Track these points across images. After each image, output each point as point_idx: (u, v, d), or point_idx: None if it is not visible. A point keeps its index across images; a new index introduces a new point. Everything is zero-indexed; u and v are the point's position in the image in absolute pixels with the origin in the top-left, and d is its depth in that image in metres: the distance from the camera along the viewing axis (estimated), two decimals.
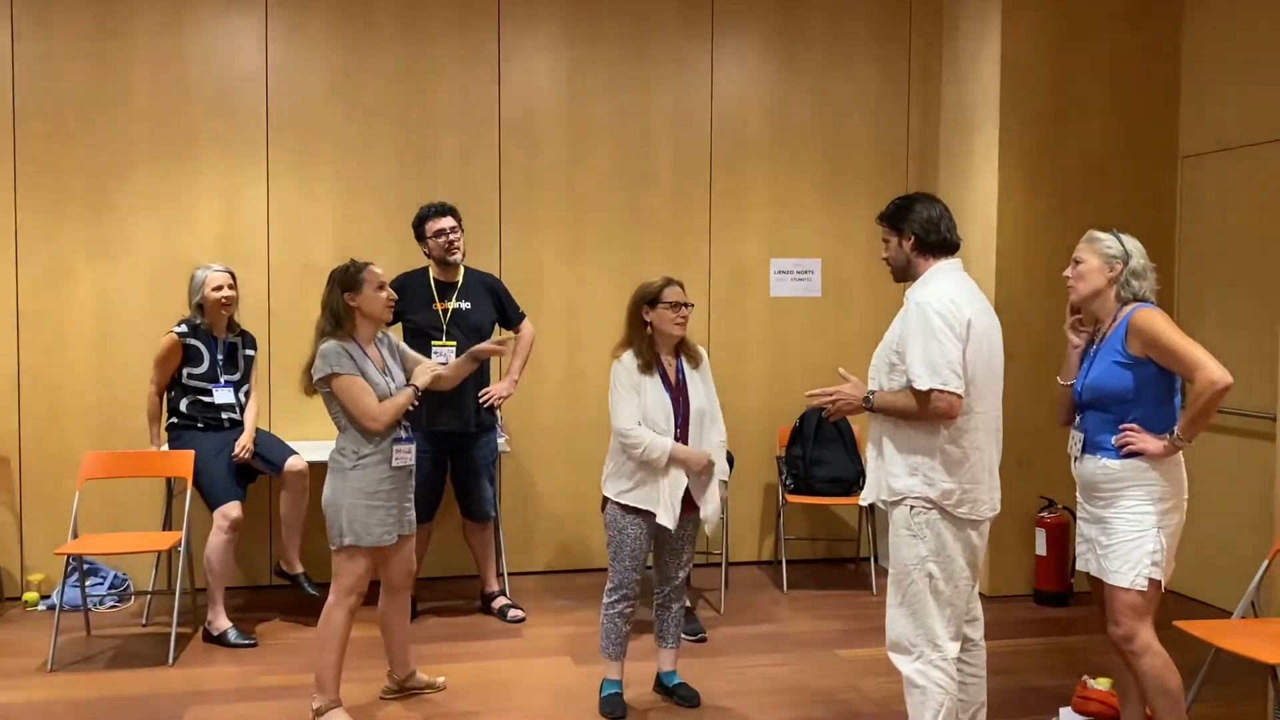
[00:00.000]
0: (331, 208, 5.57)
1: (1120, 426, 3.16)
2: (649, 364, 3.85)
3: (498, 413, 5.16)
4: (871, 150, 6.11)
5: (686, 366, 3.95)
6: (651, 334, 3.89)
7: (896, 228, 3.23)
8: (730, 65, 5.98)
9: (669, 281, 3.89)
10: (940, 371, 2.97)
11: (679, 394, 3.90)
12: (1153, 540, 3.12)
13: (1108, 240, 3.26)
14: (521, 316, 5.17)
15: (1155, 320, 3.13)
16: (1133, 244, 3.27)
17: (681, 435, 3.86)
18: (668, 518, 3.78)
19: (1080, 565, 3.37)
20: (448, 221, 4.93)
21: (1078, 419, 3.33)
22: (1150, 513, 3.13)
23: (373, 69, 5.57)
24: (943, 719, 3.06)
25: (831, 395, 3.23)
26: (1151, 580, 3.13)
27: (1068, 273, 3.33)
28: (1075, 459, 3.31)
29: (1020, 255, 5.42)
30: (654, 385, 3.85)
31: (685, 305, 3.89)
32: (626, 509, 3.84)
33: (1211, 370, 3.02)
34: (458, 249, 4.94)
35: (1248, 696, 3.95)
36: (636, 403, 3.81)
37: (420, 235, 4.99)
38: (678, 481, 3.82)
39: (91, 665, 4.45)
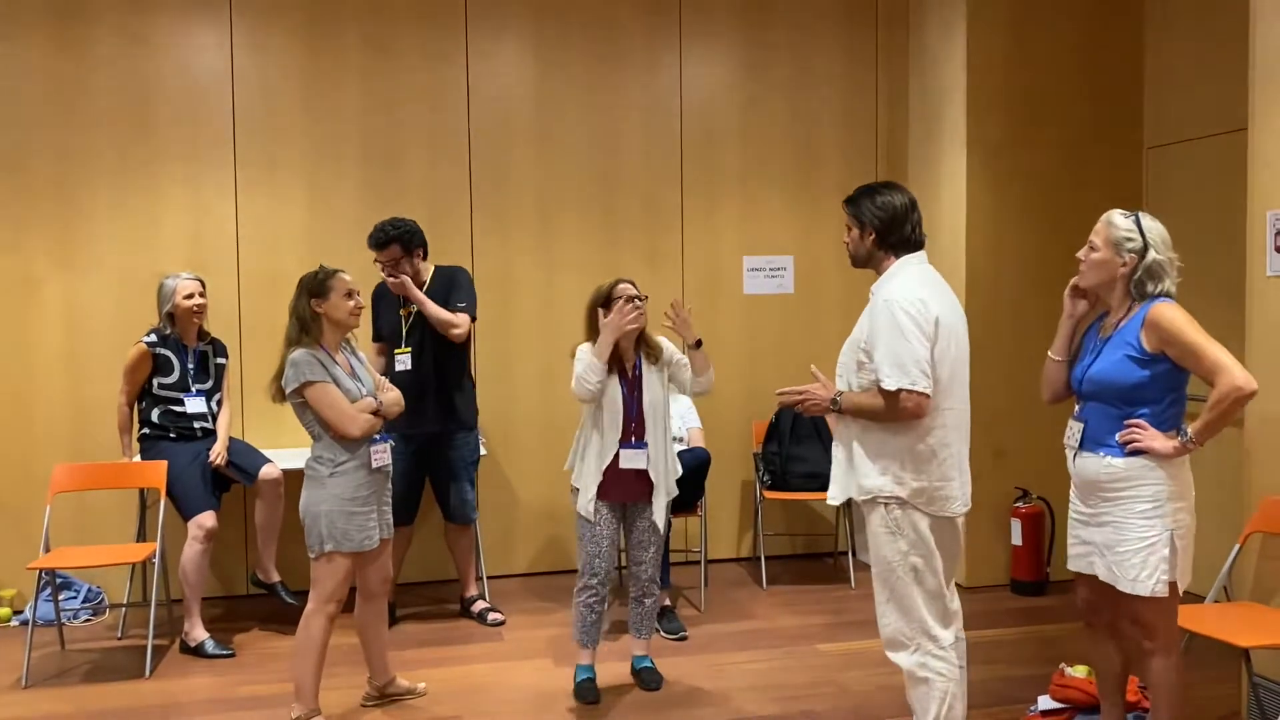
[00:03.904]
0: (301, 215, 5.53)
1: (1126, 422, 3.00)
2: (608, 364, 3.94)
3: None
4: (841, 146, 6.14)
5: (645, 363, 4.02)
6: None
7: (859, 220, 3.16)
8: (698, 66, 5.98)
9: (618, 281, 4.01)
10: (909, 371, 2.95)
11: (634, 390, 3.98)
12: (1166, 544, 2.96)
13: (1125, 228, 3.02)
14: (460, 309, 4.84)
15: (1176, 317, 2.94)
16: (1156, 234, 3.01)
17: (637, 429, 3.96)
18: (583, 502, 3.94)
19: (1078, 567, 3.19)
20: (386, 255, 4.73)
21: (1077, 409, 3.15)
22: (1161, 515, 2.97)
23: (339, 74, 5.53)
24: (949, 706, 3.08)
25: (801, 394, 3.21)
26: (1171, 584, 2.99)
27: (1080, 254, 3.12)
28: (1073, 452, 3.14)
29: (989, 246, 5.47)
30: (612, 383, 3.95)
31: (639, 299, 3.94)
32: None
33: (1235, 375, 2.85)
34: (395, 275, 4.72)
35: (1222, 679, 4.00)
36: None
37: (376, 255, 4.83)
38: (598, 462, 3.93)
39: (67, 680, 4.41)
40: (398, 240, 4.74)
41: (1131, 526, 2.99)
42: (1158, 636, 3.06)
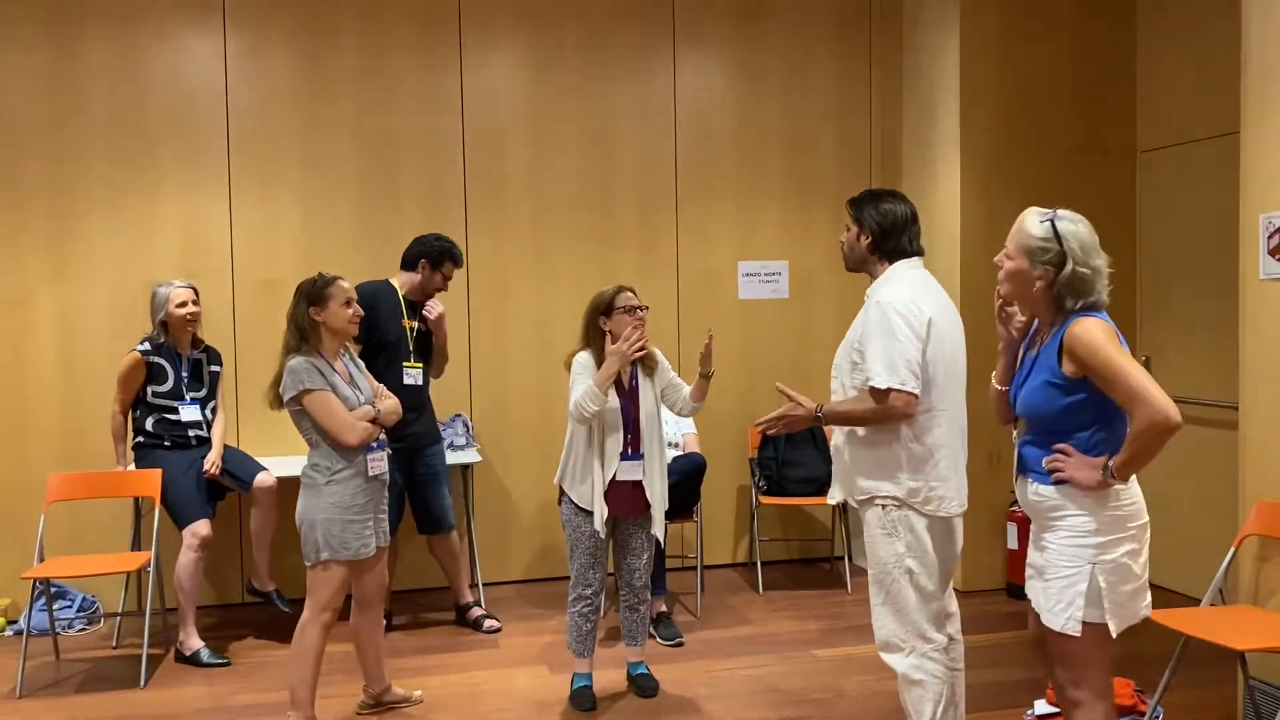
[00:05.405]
0: (295, 222, 5.52)
1: (1053, 448, 2.68)
2: None
3: (471, 424, 5.14)
4: (835, 151, 6.15)
5: (640, 374, 4.01)
6: (611, 343, 3.95)
7: (859, 221, 3.20)
8: (692, 73, 5.99)
9: (621, 288, 3.98)
10: (898, 371, 2.97)
11: (630, 401, 3.96)
12: (1086, 578, 2.63)
13: (1039, 237, 2.66)
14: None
15: (1095, 336, 2.56)
16: (1075, 240, 2.64)
17: (633, 441, 3.94)
18: (599, 521, 3.90)
19: (1028, 590, 2.86)
20: (456, 271, 4.96)
21: (1015, 431, 2.92)
22: (1084, 546, 2.64)
23: (334, 83, 5.53)
24: (943, 708, 3.09)
25: (780, 419, 3.19)
26: (1086, 624, 2.64)
27: (997, 259, 2.80)
28: (1015, 477, 2.88)
29: (982, 251, 5.42)
30: (609, 394, 3.90)
31: (640, 308, 3.93)
32: (580, 507, 3.94)
33: (1154, 406, 2.46)
34: (437, 298, 4.96)
35: (1218, 683, 4.00)
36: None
37: (434, 263, 4.84)
38: (602, 477, 3.91)
39: (62, 690, 4.39)
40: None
41: (1056, 554, 2.70)
42: (1083, 684, 2.69)
